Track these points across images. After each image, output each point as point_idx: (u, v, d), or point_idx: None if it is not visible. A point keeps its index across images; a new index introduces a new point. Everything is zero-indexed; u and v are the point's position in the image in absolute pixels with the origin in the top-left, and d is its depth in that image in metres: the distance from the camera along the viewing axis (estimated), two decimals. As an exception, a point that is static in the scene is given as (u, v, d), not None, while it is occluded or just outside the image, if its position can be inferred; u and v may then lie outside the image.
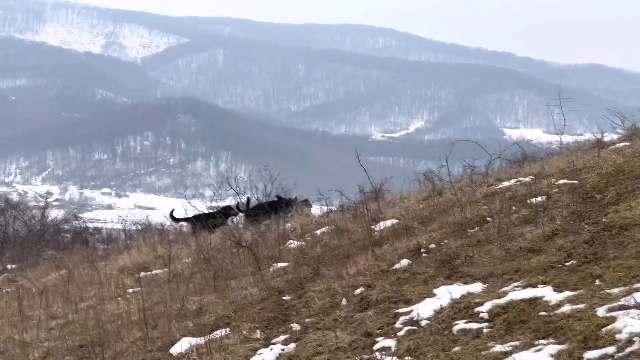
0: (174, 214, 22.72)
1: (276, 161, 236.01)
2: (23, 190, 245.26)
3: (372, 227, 12.82)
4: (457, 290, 8.26)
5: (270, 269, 11.97)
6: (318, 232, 14.46)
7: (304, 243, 13.58)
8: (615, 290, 7.17)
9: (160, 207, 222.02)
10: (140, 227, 33.84)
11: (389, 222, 13.07)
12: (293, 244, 13.66)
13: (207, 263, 12.61)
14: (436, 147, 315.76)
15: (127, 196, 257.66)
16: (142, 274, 14.05)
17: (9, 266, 24.97)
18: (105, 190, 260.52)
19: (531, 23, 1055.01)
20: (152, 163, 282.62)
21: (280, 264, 12.07)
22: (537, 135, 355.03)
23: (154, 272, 14.12)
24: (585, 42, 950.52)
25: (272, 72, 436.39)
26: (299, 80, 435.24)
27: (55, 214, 37.05)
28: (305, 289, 10.17)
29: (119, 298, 13.00)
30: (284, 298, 10.03)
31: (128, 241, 21.57)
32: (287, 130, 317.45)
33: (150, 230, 28.57)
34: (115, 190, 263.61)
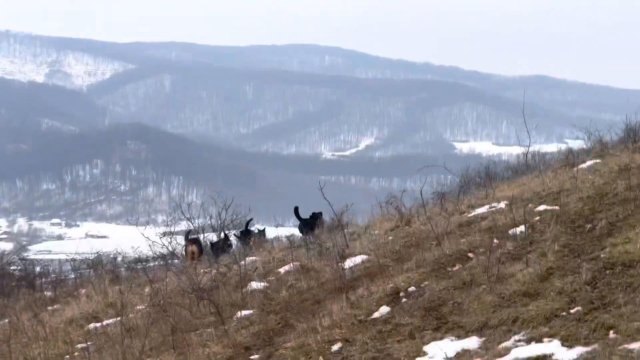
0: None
1: (228, 184, 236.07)
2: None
3: (340, 264, 11.82)
4: (450, 346, 7.26)
5: (234, 318, 10.87)
6: (282, 270, 13.38)
7: (267, 285, 12.49)
8: (635, 346, 6.19)
9: (112, 235, 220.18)
10: (89, 264, 32.55)
11: (358, 259, 12.21)
12: (256, 285, 12.55)
13: (163, 313, 11.45)
14: (387, 164, 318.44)
15: (78, 226, 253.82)
16: (92, 325, 12.82)
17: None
18: (55, 220, 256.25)
19: (476, 36, 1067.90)
20: (102, 191, 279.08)
21: (244, 312, 10.97)
22: (487, 148, 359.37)
23: (105, 322, 12.90)
24: (530, 54, 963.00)
25: (220, 95, 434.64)
26: (247, 102, 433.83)
27: (3, 247, 35.56)
28: (274, 345, 9.08)
29: (67, 357, 11.74)
30: (252, 358, 8.95)
31: (77, 282, 20.90)
32: (237, 153, 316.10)
33: (100, 268, 27.33)
34: (66, 220, 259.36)
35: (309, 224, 21.86)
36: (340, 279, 10.82)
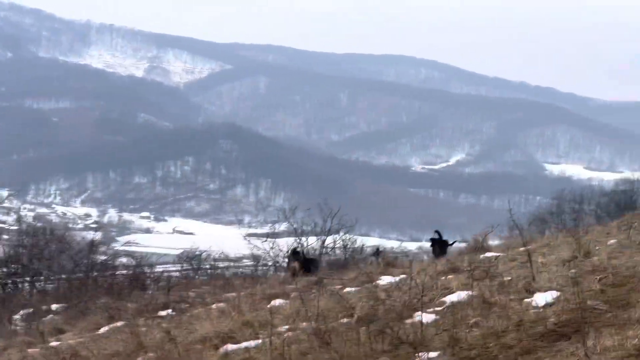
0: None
1: (316, 190, 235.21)
2: (62, 212, 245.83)
3: (527, 300, 10.09)
4: None
5: (416, 362, 9.02)
6: (448, 299, 11.31)
7: (438, 317, 10.34)
8: None
9: (198, 232, 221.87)
10: (194, 265, 31.37)
11: (548, 296, 10.16)
12: (425, 317, 10.22)
13: (324, 344, 9.62)
14: (476, 181, 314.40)
15: (166, 220, 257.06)
16: (230, 347, 11.06)
17: (53, 306, 22.56)
18: (144, 214, 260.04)
19: (574, 59, 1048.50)
20: (191, 188, 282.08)
21: (429, 354, 8.84)
22: (578, 171, 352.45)
23: (244, 345, 11.11)
24: (630, 80, 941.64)
25: (314, 101, 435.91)
26: (340, 109, 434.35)
27: (92, 236, 35.12)
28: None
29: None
30: None
31: (187, 285, 19.75)
32: (327, 159, 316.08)
33: (215, 274, 26.08)
34: (154, 214, 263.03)
35: (444, 246, 21.66)
36: (542, 323, 8.86)
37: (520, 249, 16.97)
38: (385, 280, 15.22)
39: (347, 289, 15.05)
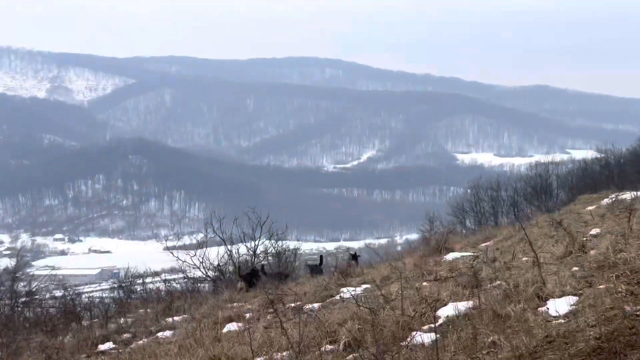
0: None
1: (230, 198, 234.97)
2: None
3: (542, 308, 9.03)
4: None
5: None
6: (441, 313, 9.98)
7: (439, 337, 8.64)
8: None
9: (115, 250, 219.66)
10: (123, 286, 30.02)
11: (564, 302, 8.99)
12: (424, 338, 8.99)
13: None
14: (389, 176, 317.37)
15: (81, 241, 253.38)
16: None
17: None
18: (58, 236, 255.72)
19: (476, 48, 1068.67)
20: (104, 206, 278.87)
21: None
22: (489, 159, 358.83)
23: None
24: (530, 65, 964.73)
25: (221, 109, 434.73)
26: (248, 115, 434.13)
27: (6, 263, 33.16)
28: None
29: None
30: None
31: (145, 324, 16.86)
32: (238, 166, 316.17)
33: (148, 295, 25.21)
34: (69, 235, 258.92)
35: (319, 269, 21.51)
36: (581, 338, 7.60)
37: (483, 245, 17.34)
38: (347, 293, 13.51)
39: (309, 306, 13.51)
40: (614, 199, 19.56)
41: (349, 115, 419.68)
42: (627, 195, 20.15)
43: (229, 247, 27.10)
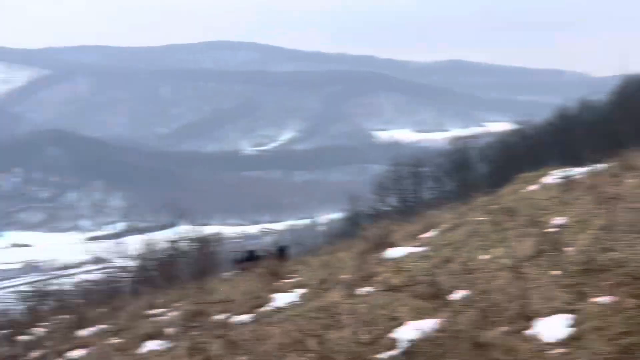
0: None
1: (150, 185, 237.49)
2: None
3: (529, 332, 7.57)
4: None
5: None
6: (400, 336, 8.50)
7: None
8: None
9: (36, 243, 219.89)
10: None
11: (557, 324, 7.55)
12: None
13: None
14: (308, 157, 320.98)
15: (2, 236, 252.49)
16: None
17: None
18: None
19: (389, 24, 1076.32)
20: (23, 199, 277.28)
21: None
22: (407, 135, 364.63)
23: None
24: (443, 39, 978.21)
25: (137, 97, 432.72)
26: (164, 102, 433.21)
27: None
28: None
29: None
30: None
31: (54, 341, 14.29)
32: (157, 153, 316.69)
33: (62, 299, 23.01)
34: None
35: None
36: None
37: (425, 236, 13.98)
38: (281, 300, 11.94)
39: (238, 318, 11.60)
40: (565, 177, 15.12)
41: (264, 98, 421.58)
42: (577, 172, 15.63)
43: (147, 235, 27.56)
